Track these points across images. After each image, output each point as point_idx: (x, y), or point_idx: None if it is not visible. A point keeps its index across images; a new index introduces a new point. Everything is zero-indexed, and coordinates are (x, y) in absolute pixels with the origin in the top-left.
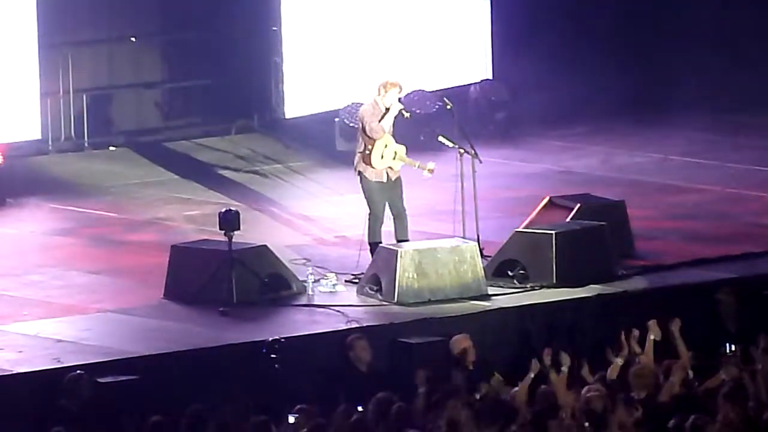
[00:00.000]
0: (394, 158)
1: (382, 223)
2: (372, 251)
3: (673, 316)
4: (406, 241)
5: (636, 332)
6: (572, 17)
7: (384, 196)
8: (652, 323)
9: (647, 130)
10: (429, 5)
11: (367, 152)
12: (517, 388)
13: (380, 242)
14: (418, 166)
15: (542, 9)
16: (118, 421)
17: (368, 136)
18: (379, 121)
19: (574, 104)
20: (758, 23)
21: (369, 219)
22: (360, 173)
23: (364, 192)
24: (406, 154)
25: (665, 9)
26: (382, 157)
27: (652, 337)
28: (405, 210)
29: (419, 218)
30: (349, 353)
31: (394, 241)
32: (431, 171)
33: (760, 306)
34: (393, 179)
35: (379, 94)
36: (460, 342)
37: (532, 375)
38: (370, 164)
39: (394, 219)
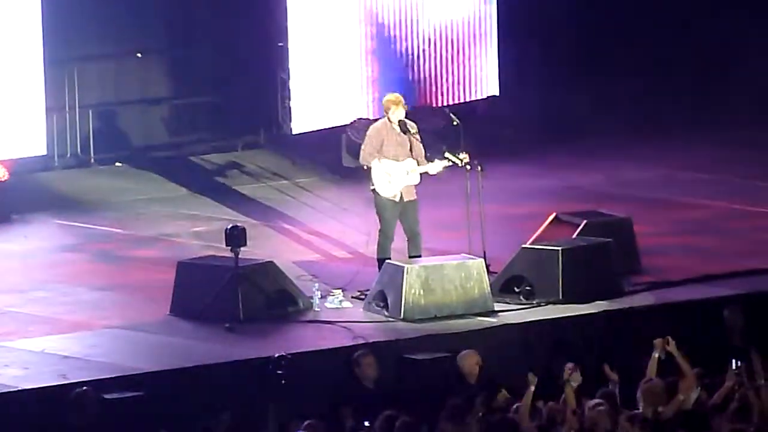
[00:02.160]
0: (408, 175)
1: (392, 241)
2: (380, 268)
3: (677, 336)
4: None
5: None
6: (579, 33)
7: (395, 214)
8: (658, 341)
9: (653, 146)
10: (436, 21)
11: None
12: (519, 404)
13: (389, 259)
14: (448, 160)
15: (549, 26)
16: None
17: None
18: (381, 146)
19: (580, 120)
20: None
21: (379, 235)
22: (373, 189)
23: (376, 207)
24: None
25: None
26: (389, 182)
27: (656, 354)
28: (420, 234)
29: (426, 234)
30: (356, 369)
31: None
32: (461, 160)
33: (766, 322)
34: (406, 200)
35: (386, 113)
36: (468, 358)
37: (532, 388)
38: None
39: (408, 240)
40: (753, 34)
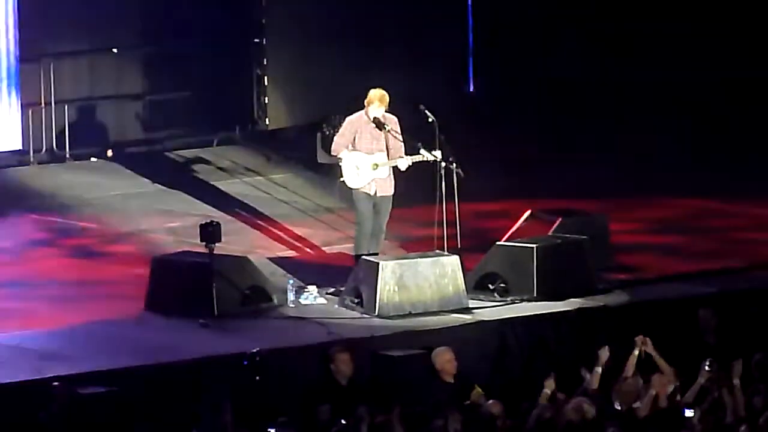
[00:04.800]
0: (375, 169)
1: (368, 236)
2: (356, 264)
3: (651, 333)
4: None
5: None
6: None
7: (369, 207)
8: (638, 339)
9: (629, 142)
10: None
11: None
12: (492, 401)
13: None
14: (422, 156)
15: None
16: None
17: None
18: (354, 138)
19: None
20: None
21: (355, 230)
22: (342, 181)
23: (353, 200)
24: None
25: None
26: (357, 175)
27: (636, 352)
28: (384, 231)
29: (400, 231)
30: (330, 366)
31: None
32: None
33: (740, 321)
34: (380, 195)
35: (366, 106)
36: (442, 355)
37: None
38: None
39: (371, 235)
40: None
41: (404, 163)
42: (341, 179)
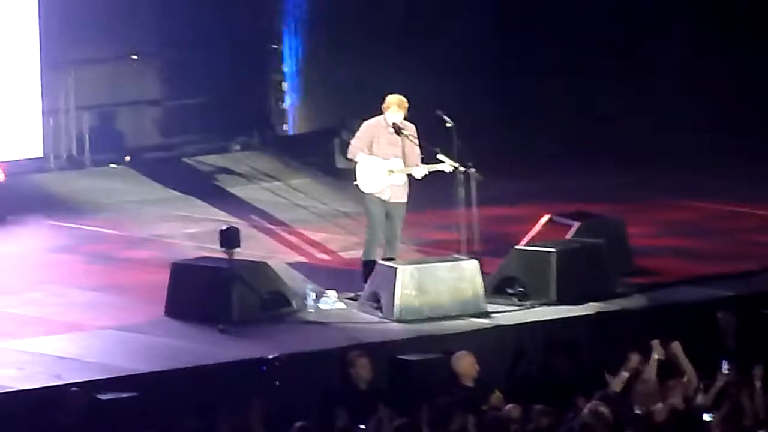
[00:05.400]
0: (390, 175)
1: (379, 242)
2: (365, 272)
3: (672, 337)
4: None
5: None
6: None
7: (381, 212)
8: (656, 343)
9: (644, 148)
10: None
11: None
12: (511, 405)
13: (374, 261)
14: (440, 162)
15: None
16: None
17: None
18: (371, 143)
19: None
20: None
21: (366, 235)
22: (356, 185)
23: (364, 204)
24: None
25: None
26: (371, 179)
27: (656, 356)
28: (399, 237)
29: (419, 235)
30: (350, 370)
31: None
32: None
33: (759, 324)
34: (393, 201)
35: (384, 111)
36: (464, 358)
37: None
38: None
39: (386, 242)
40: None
41: (420, 171)
42: (355, 183)
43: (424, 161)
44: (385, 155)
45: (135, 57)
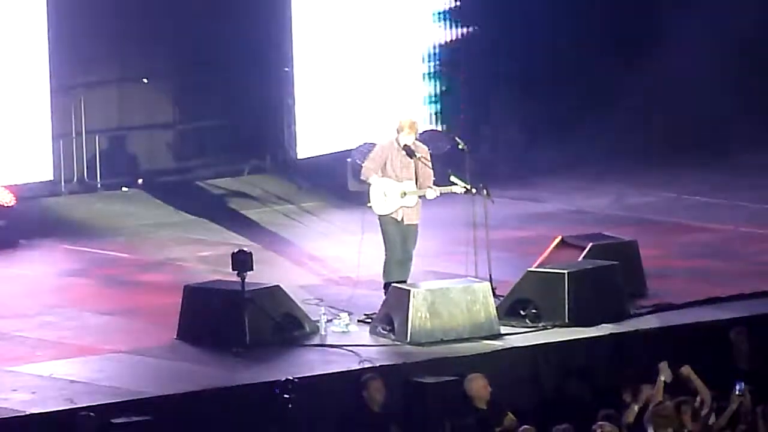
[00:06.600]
0: (403, 197)
1: (398, 263)
2: (386, 292)
3: (685, 358)
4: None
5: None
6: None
7: (397, 233)
8: (663, 365)
9: (658, 170)
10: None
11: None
12: (524, 428)
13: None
14: (453, 184)
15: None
16: None
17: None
18: (385, 165)
19: (584, 146)
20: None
21: (385, 256)
22: (370, 206)
23: (380, 227)
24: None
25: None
26: (384, 200)
27: (662, 378)
28: (412, 258)
29: (432, 258)
30: (363, 393)
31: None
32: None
33: None
34: (406, 223)
35: (397, 134)
36: (476, 381)
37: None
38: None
39: (399, 262)
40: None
41: (432, 193)
42: (369, 205)
43: (435, 184)
44: (398, 177)
45: (146, 80)
